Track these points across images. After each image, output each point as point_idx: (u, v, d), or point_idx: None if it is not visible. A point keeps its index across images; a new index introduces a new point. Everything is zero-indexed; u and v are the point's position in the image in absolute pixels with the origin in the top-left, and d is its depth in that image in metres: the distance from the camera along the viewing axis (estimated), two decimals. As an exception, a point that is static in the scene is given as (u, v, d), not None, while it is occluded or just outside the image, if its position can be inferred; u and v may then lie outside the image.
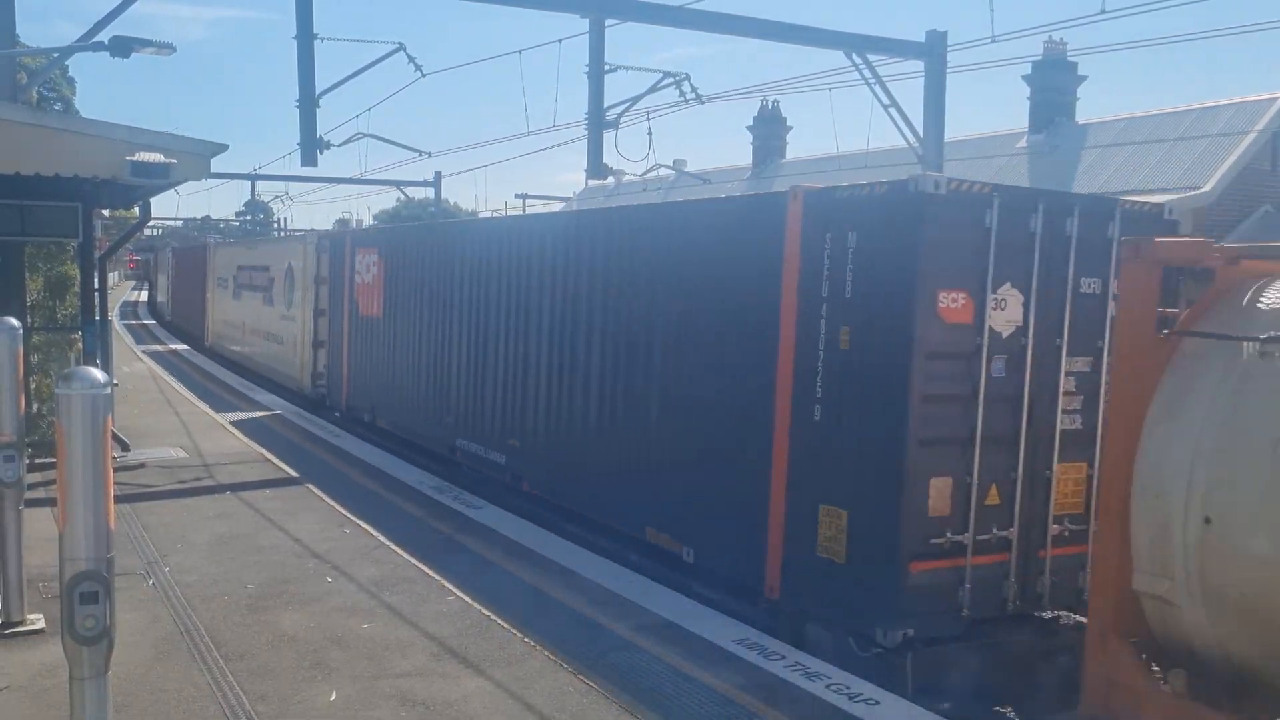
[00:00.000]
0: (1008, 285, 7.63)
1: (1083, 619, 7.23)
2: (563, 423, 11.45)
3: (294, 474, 13.01)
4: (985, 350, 7.49)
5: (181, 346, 32.41)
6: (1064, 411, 7.90)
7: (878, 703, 6.36)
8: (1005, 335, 7.59)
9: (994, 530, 7.60)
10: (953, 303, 7.39)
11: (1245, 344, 5.58)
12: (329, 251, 19.87)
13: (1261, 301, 5.78)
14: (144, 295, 65.15)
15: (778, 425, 8.28)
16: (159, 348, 31.97)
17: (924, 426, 7.30)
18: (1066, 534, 7.93)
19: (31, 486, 8.83)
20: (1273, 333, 5.47)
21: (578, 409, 11.16)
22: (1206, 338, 5.86)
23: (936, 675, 7.32)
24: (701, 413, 9.26)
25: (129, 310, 52.70)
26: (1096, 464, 7.59)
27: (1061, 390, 7.88)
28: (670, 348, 9.78)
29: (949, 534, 7.44)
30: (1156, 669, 5.89)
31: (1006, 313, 7.60)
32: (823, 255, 7.94)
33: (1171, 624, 5.73)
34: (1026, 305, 7.68)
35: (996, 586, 7.66)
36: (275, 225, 66.59)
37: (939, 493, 7.43)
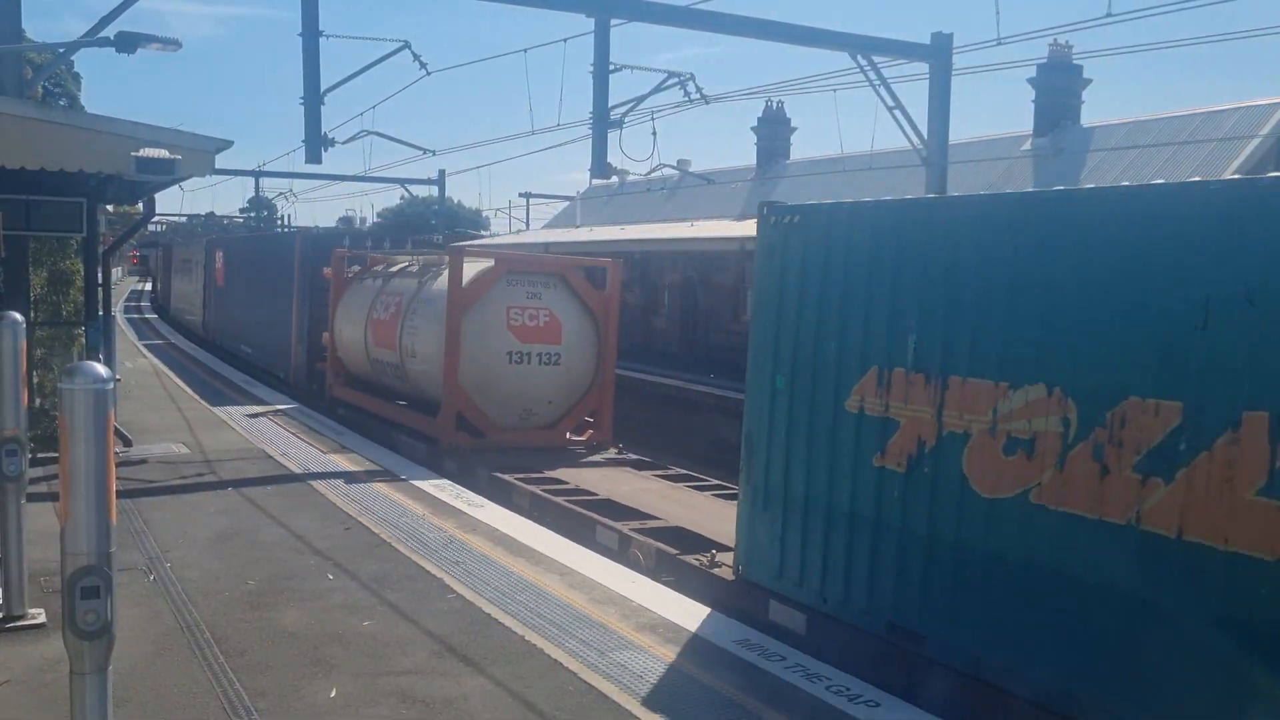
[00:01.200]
0: (355, 267, 19.45)
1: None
2: (256, 331, 26.08)
3: (297, 470, 13.03)
4: (338, 290, 19.58)
5: (153, 316, 48.53)
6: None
7: (878, 704, 6.36)
8: None
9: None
10: (326, 273, 19.79)
11: (359, 281, 18.91)
12: (208, 249, 34.63)
13: (372, 266, 19.11)
14: (148, 286, 71.95)
15: (294, 320, 22.17)
16: (136, 316, 47.68)
17: (311, 315, 21.31)
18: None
19: (34, 481, 8.83)
20: (358, 275, 19.12)
21: (259, 325, 25.65)
22: (349, 279, 19.33)
23: (329, 403, 19.39)
24: (280, 319, 23.08)
25: (134, 296, 66.99)
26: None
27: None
28: (271, 297, 24.08)
29: (326, 354, 19.93)
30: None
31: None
32: (304, 257, 21.74)
33: (347, 366, 19.27)
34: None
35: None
36: (279, 222, 66.73)
37: (324, 340, 19.80)
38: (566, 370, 15.14)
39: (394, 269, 18.04)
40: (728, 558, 9.04)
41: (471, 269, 15.09)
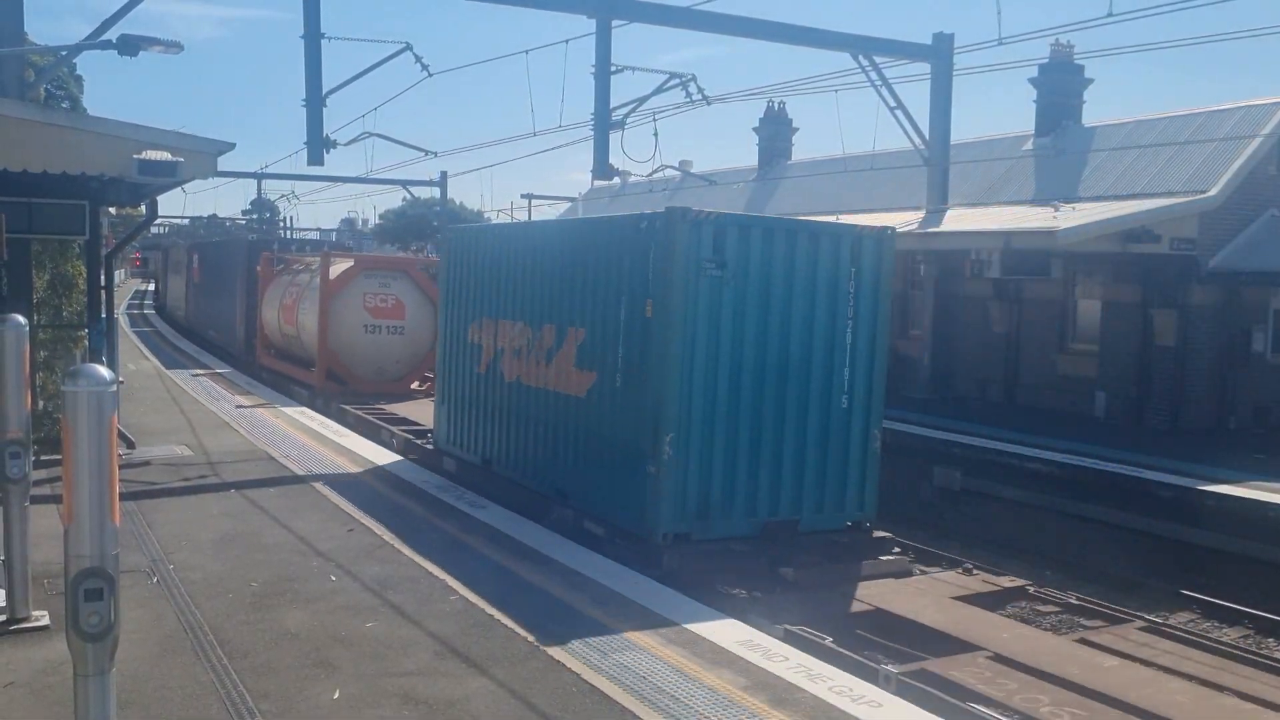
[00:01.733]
0: (281, 265, 25.63)
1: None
2: (216, 318, 32.43)
3: (299, 472, 13.04)
4: (264, 284, 25.76)
5: (151, 312, 52.57)
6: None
7: (881, 705, 6.36)
8: None
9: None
10: (260, 269, 25.39)
11: (278, 276, 24.61)
12: (188, 252, 40.40)
13: (290, 265, 25.04)
14: (151, 287, 74.97)
15: (236, 308, 28.29)
16: (135, 311, 52.31)
17: (248, 304, 26.82)
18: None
19: (37, 483, 8.85)
20: (279, 272, 24.89)
21: (218, 312, 31.75)
22: (275, 274, 25.16)
23: (256, 367, 25.73)
24: (229, 307, 29.36)
25: (138, 295, 69.21)
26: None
27: (283, 296, 24.60)
28: (225, 291, 30.45)
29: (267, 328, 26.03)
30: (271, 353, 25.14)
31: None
32: (245, 259, 27.21)
33: (270, 340, 25.19)
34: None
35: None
36: (281, 224, 66.75)
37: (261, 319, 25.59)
38: (409, 339, 21.31)
39: (300, 267, 24.15)
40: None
41: (339, 268, 21.70)
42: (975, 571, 11.23)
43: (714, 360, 10.19)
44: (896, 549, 11.40)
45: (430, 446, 15.20)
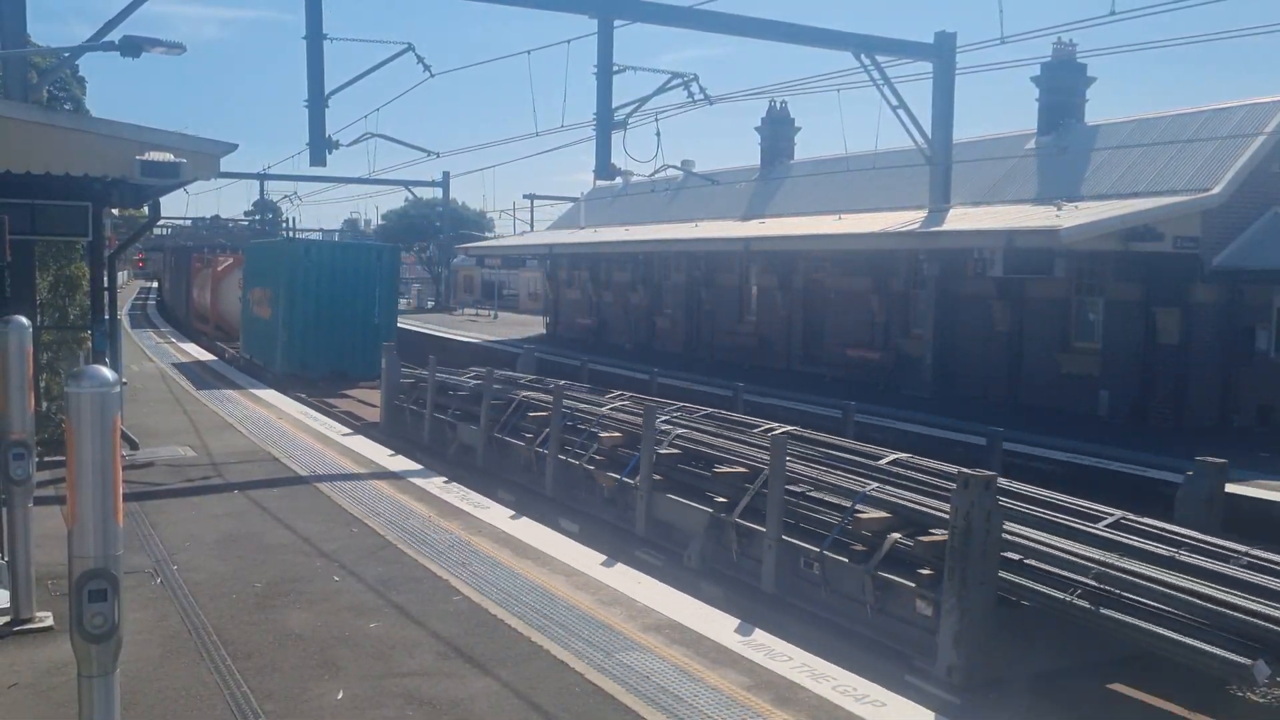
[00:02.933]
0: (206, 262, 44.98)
1: None
2: (179, 301, 51.72)
3: (302, 473, 13.05)
4: (193, 276, 47.09)
5: (151, 304, 63.25)
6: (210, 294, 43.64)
7: (885, 704, 6.35)
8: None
9: None
10: (194, 266, 47.60)
11: (201, 270, 44.56)
12: (171, 254, 57.49)
13: (209, 263, 43.85)
14: (155, 284, 79.64)
15: (183, 289, 49.62)
16: (138, 303, 63.00)
17: (188, 289, 47.92)
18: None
19: (41, 484, 8.85)
20: (203, 267, 44.22)
21: (180, 298, 51.53)
22: (200, 269, 45.81)
23: (191, 330, 44.64)
24: (181, 290, 50.46)
25: (144, 293, 76.24)
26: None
27: (197, 286, 46.10)
28: (182, 282, 50.23)
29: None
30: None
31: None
32: (192, 258, 47.53)
33: (199, 312, 44.95)
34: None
35: None
36: (284, 225, 66.85)
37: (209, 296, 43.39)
38: None
39: (212, 264, 39.49)
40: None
41: (224, 264, 38.06)
42: None
43: (308, 301, 25.64)
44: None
45: (238, 355, 30.59)
